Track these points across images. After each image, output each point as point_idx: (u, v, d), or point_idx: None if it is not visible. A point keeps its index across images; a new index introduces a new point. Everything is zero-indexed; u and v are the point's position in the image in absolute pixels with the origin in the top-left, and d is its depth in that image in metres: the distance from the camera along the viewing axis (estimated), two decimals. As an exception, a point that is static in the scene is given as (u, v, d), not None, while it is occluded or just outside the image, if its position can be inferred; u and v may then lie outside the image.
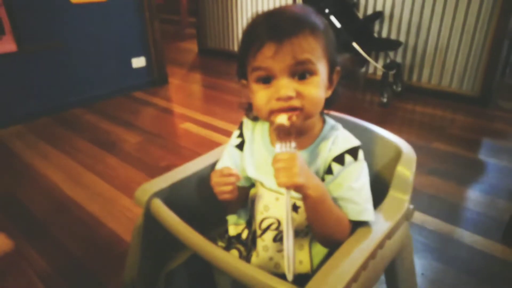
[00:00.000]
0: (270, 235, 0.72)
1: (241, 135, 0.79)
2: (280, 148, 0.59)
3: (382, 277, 0.90)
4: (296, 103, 0.61)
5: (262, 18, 0.64)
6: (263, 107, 0.63)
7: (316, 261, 0.71)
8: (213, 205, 0.83)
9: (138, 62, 3.23)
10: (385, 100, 2.76)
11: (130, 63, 3.18)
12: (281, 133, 0.59)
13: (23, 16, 2.49)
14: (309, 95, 0.62)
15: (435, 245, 1.42)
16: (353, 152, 0.67)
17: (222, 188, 0.64)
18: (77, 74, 2.88)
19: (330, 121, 0.73)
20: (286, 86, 0.61)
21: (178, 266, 0.79)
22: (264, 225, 0.72)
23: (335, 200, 0.65)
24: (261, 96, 0.63)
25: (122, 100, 3.05)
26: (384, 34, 3.05)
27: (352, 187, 0.65)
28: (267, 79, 0.63)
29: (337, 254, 0.59)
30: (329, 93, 0.68)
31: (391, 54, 3.03)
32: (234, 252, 0.76)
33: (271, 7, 0.69)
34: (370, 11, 3.05)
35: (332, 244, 0.66)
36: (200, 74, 3.87)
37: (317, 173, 0.68)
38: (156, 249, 0.79)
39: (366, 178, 0.68)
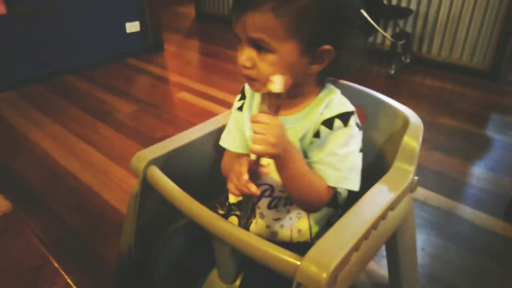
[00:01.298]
0: (264, 201, 0.71)
1: (243, 96, 0.78)
2: (261, 109, 0.58)
3: (383, 252, 0.88)
4: (250, 73, 0.62)
5: None
6: (238, 65, 0.64)
7: (315, 230, 0.71)
8: (213, 175, 0.81)
9: (132, 27, 3.10)
10: (392, 71, 2.69)
11: (124, 28, 3.06)
12: (266, 96, 0.58)
13: (10, -24, 2.35)
14: (262, 71, 0.61)
15: (436, 221, 1.41)
16: (344, 117, 0.64)
17: (234, 190, 0.59)
18: (68, 39, 2.76)
19: (329, 87, 0.70)
20: (243, 54, 0.61)
21: (174, 231, 0.78)
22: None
23: (316, 162, 0.64)
24: (238, 53, 0.63)
25: (116, 67, 2.96)
26: (394, 1, 2.93)
27: (336, 152, 0.63)
28: (239, 39, 0.63)
29: (339, 223, 0.56)
30: (316, 68, 0.63)
31: (401, 23, 2.91)
32: (233, 219, 0.75)
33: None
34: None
35: (310, 209, 0.67)
36: (198, 41, 3.75)
37: (305, 136, 0.66)
38: (152, 216, 0.78)
39: (355, 146, 0.65)
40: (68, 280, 0.38)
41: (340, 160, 0.63)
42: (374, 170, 0.73)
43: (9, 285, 0.37)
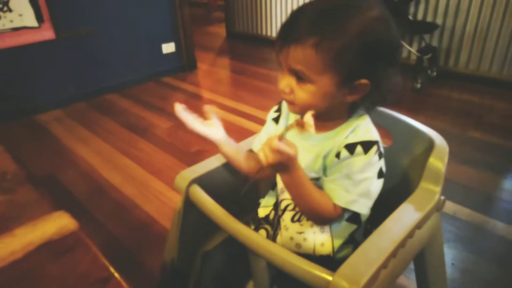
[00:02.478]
0: (288, 215, 0.75)
1: (279, 109, 0.83)
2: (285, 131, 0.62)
3: (412, 266, 0.90)
4: (288, 98, 0.67)
5: (294, 11, 0.65)
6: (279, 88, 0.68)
7: (337, 244, 0.73)
8: (249, 190, 0.86)
9: (168, 47, 3.26)
10: (418, 85, 2.67)
11: (160, 49, 3.22)
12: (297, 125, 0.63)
13: (59, 3, 2.55)
14: (298, 98, 0.66)
15: (466, 236, 1.40)
16: (366, 145, 0.67)
17: (263, 157, 0.63)
18: (109, 60, 2.95)
19: (359, 112, 0.73)
20: (284, 80, 0.66)
21: (215, 247, 0.84)
22: (282, 205, 0.77)
23: (330, 181, 0.68)
24: (279, 77, 0.68)
25: (153, 86, 3.11)
26: (419, 16, 2.93)
27: (351, 176, 0.66)
28: (281, 65, 0.67)
29: (368, 241, 0.60)
30: (351, 98, 0.67)
31: (427, 37, 2.91)
32: (262, 232, 0.80)
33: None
34: (405, -8, 2.92)
35: (317, 222, 0.72)
36: (228, 59, 3.87)
37: (328, 154, 0.70)
38: (194, 231, 0.84)
39: (372, 173, 0.67)
40: (129, 288, 0.45)
41: (353, 184, 0.66)
42: (400, 190, 0.77)
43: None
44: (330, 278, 0.55)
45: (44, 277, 0.46)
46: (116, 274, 0.46)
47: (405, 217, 0.66)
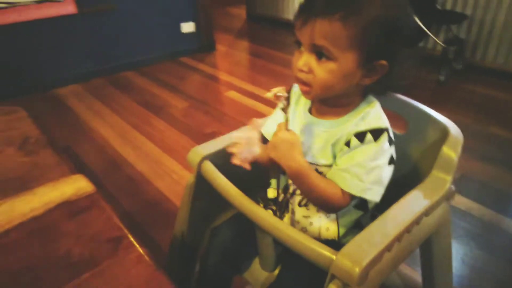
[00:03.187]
0: (296, 199, 0.76)
1: (288, 97, 0.82)
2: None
3: (418, 259, 0.90)
4: (304, 77, 0.65)
5: None
6: (293, 68, 0.68)
7: (343, 230, 0.74)
8: (259, 170, 0.88)
9: (187, 27, 3.26)
10: (442, 78, 2.61)
11: (179, 28, 3.22)
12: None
13: (81, -22, 2.57)
14: (317, 77, 0.64)
15: (478, 233, 1.39)
16: (376, 132, 0.67)
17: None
18: (128, 37, 2.96)
19: (370, 98, 0.73)
20: (303, 59, 0.65)
21: (223, 223, 0.85)
22: (291, 189, 0.77)
23: (342, 170, 0.67)
24: (294, 57, 0.67)
25: (170, 65, 3.12)
26: (448, 6, 2.84)
27: (363, 165, 0.66)
28: (298, 44, 0.66)
29: (374, 224, 0.61)
30: (368, 81, 0.67)
31: (454, 28, 2.82)
32: (269, 212, 0.80)
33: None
34: (434, -20, 2.84)
35: (326, 211, 0.73)
36: (248, 42, 3.85)
37: (337, 142, 0.70)
38: (204, 206, 0.86)
39: (383, 161, 0.67)
40: (140, 250, 0.47)
41: (366, 173, 0.66)
42: (410, 178, 0.77)
43: (95, 253, 0.46)
44: (334, 256, 0.56)
45: (61, 233, 0.48)
46: (129, 235, 0.48)
47: (413, 203, 0.66)
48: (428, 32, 2.52)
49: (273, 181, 0.86)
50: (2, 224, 0.49)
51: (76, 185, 0.56)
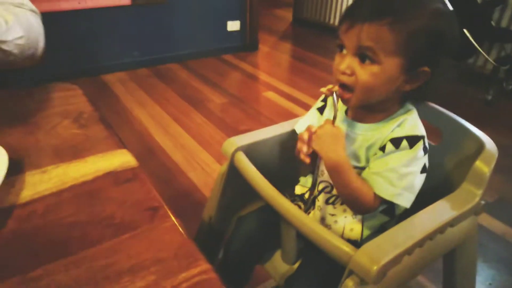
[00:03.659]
0: (323, 197, 0.78)
1: (325, 99, 0.85)
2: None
3: (441, 275, 0.90)
4: (347, 80, 0.66)
5: None
6: (334, 71, 0.69)
7: (367, 233, 0.75)
8: (289, 167, 0.91)
9: (233, 25, 3.33)
10: (490, 97, 2.52)
11: (225, 26, 3.30)
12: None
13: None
14: (360, 80, 0.65)
15: (510, 259, 1.35)
16: (412, 140, 0.68)
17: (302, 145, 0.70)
18: (176, 31, 3.07)
19: (408, 106, 0.74)
20: (346, 62, 0.66)
21: (250, 213, 0.89)
22: (320, 187, 0.79)
23: (375, 174, 0.68)
24: (336, 60, 0.69)
25: (213, 61, 3.21)
26: (504, 24, 2.74)
27: (396, 170, 0.67)
28: (341, 47, 0.68)
29: (398, 226, 0.62)
30: (409, 87, 0.68)
31: (508, 47, 2.71)
32: (296, 205, 0.83)
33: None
34: (491, -5, 2.74)
35: (356, 211, 0.74)
36: (291, 44, 3.88)
37: (371, 146, 0.71)
38: (233, 195, 0.89)
39: (416, 168, 0.68)
40: (174, 221, 0.51)
41: (398, 178, 0.67)
42: (441, 189, 0.77)
43: (134, 218, 0.51)
44: (353, 252, 0.58)
45: (107, 198, 0.54)
46: (165, 206, 0.52)
47: (439, 211, 0.66)
48: (479, 48, 2.44)
49: (302, 179, 0.89)
50: (57, 185, 0.55)
51: (122, 158, 0.62)
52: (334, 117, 0.68)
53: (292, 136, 0.93)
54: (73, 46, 2.69)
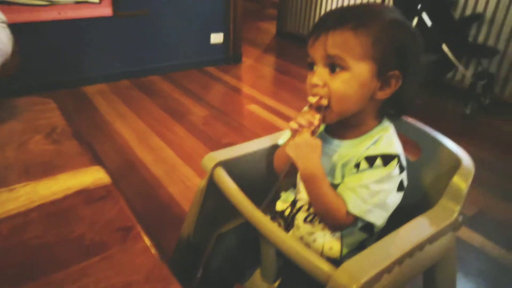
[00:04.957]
0: (301, 215, 0.77)
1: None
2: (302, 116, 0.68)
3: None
4: (321, 92, 0.67)
5: (327, 12, 0.70)
6: (307, 88, 0.70)
7: (346, 250, 0.75)
8: (270, 182, 0.89)
9: (216, 38, 3.34)
10: (468, 111, 2.58)
11: (208, 38, 3.30)
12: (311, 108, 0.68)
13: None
14: (333, 89, 0.66)
15: (491, 274, 1.36)
16: (386, 158, 0.68)
17: (294, 123, 0.68)
18: (158, 43, 3.06)
19: (385, 123, 0.74)
20: (317, 74, 0.67)
21: (230, 230, 0.87)
22: (298, 205, 0.79)
23: (348, 189, 0.68)
24: (308, 78, 0.71)
25: (196, 74, 3.20)
26: (480, 40, 2.83)
27: (368, 186, 0.67)
28: (311, 65, 0.70)
29: (376, 244, 0.62)
30: (382, 95, 0.68)
31: (485, 62, 2.79)
32: (275, 223, 0.81)
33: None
34: (468, 12, 2.82)
35: (330, 225, 0.73)
36: (274, 57, 3.91)
37: (347, 163, 0.71)
38: (212, 211, 0.88)
39: (390, 186, 0.68)
40: (147, 242, 0.50)
41: (370, 194, 0.67)
42: (419, 205, 0.77)
43: (105, 239, 0.49)
44: (332, 272, 0.57)
45: (77, 217, 0.52)
46: (138, 226, 0.51)
47: (417, 229, 0.66)
48: (457, 63, 2.51)
49: (284, 194, 0.88)
50: (25, 204, 0.53)
51: (95, 175, 0.60)
52: (315, 129, 0.68)
53: (273, 151, 0.92)
54: (52, 57, 2.65)
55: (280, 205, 0.85)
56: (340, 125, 0.74)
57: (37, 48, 2.56)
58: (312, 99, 0.67)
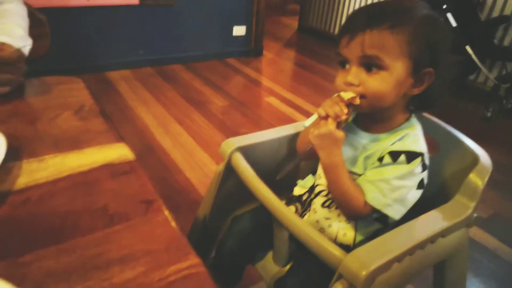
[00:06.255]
0: (320, 200, 0.79)
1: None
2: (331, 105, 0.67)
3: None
4: (355, 90, 0.67)
5: (356, 10, 0.70)
6: (337, 87, 0.70)
7: (359, 238, 0.76)
8: (283, 177, 0.91)
9: (239, 30, 3.35)
10: (489, 114, 2.53)
11: (231, 30, 3.32)
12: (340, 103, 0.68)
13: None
14: (370, 88, 0.66)
15: (502, 276, 1.35)
16: (410, 155, 0.68)
17: (321, 111, 0.68)
18: (181, 33, 3.09)
19: (412, 120, 0.74)
20: (352, 73, 0.67)
21: (245, 213, 0.89)
22: (316, 190, 0.80)
23: (369, 182, 0.69)
24: (338, 77, 0.70)
25: (217, 64, 3.23)
26: (506, 43, 2.76)
27: (389, 181, 0.67)
28: (343, 64, 0.70)
29: (388, 234, 0.63)
30: (415, 91, 0.69)
31: (510, 65, 2.71)
32: (291, 208, 0.84)
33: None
34: (495, 14, 2.76)
35: (346, 214, 0.74)
36: (295, 52, 3.90)
37: (370, 156, 0.72)
38: (228, 195, 0.90)
39: (411, 183, 0.68)
40: (167, 214, 0.52)
41: (390, 189, 0.68)
42: (436, 200, 0.77)
43: (128, 210, 0.52)
44: (343, 257, 0.58)
45: (102, 189, 0.54)
46: (159, 200, 0.53)
47: (431, 222, 0.67)
48: (480, 65, 2.46)
49: (301, 181, 0.89)
50: (53, 174, 0.56)
51: (120, 152, 0.62)
52: (342, 122, 0.68)
53: (290, 140, 0.94)
54: (79, 42, 2.71)
55: (297, 190, 0.87)
56: (369, 119, 0.75)
57: (65, 33, 2.63)
58: (345, 95, 0.67)
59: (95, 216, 0.49)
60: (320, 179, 0.80)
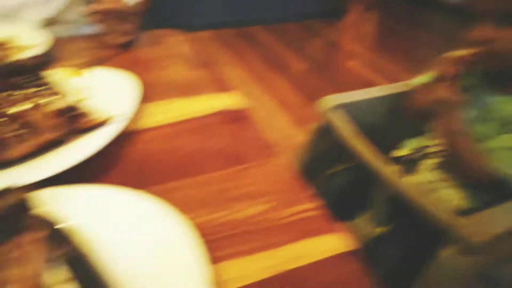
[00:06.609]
0: (427, 162, 0.77)
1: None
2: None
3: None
4: (477, 47, 0.64)
5: None
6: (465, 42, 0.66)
7: (468, 205, 0.72)
8: (382, 134, 0.87)
9: (321, -11, 3.22)
10: None
11: (313, -9, 3.20)
12: None
13: None
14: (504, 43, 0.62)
15: None
16: None
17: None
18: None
19: None
20: (476, 30, 0.63)
21: (340, 170, 0.89)
22: (424, 151, 0.78)
23: (504, 149, 0.64)
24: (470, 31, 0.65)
25: (298, 26, 3.15)
26: None
27: None
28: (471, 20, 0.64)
29: (506, 205, 0.59)
30: None
31: None
32: (393, 168, 0.81)
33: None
34: None
35: (460, 178, 0.70)
36: (380, 15, 3.65)
37: (508, 123, 0.66)
38: (323, 152, 0.89)
39: None
40: (281, 159, 0.54)
41: None
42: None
43: (242, 154, 0.54)
44: (456, 221, 0.56)
45: (219, 133, 0.58)
46: (273, 146, 0.56)
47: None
48: None
49: (407, 142, 0.86)
50: (176, 116, 0.60)
51: (234, 100, 0.65)
52: (455, 83, 0.64)
53: (392, 100, 0.90)
54: (163, 1, 2.80)
55: (402, 151, 0.84)
56: (503, 77, 0.69)
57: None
58: (464, 52, 0.63)
59: (213, 157, 0.52)
60: (430, 141, 0.76)
